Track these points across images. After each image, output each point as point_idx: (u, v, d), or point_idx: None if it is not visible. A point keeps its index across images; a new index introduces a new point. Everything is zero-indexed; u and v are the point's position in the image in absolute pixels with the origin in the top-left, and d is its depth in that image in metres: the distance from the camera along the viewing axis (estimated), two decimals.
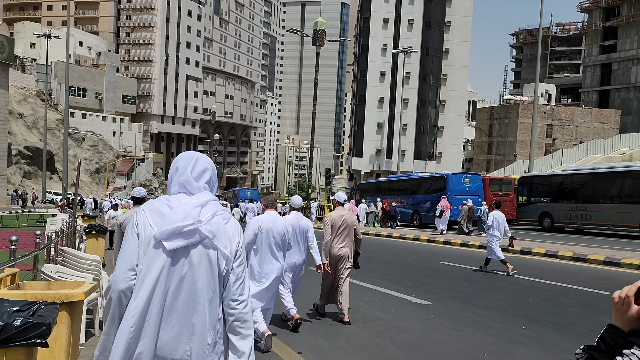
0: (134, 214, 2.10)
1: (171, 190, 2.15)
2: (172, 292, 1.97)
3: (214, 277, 2.02)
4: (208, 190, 2.14)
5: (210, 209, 2.07)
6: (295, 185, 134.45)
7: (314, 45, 25.71)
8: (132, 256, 1.99)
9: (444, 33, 54.19)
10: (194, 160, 2.16)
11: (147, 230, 2.00)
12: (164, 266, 1.97)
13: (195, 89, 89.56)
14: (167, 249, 1.97)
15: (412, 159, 54.26)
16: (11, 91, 59.75)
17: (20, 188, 51.54)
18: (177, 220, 1.98)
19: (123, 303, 1.97)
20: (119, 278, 1.97)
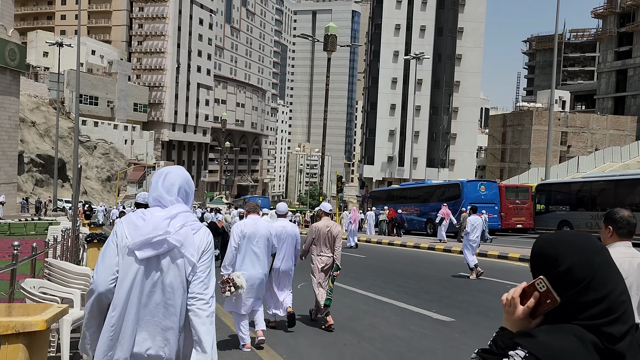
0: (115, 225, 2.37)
1: (150, 204, 2.37)
2: (146, 296, 2.20)
3: (183, 282, 2.24)
4: (182, 202, 2.35)
5: (179, 221, 2.27)
6: (306, 194, 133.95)
7: (325, 51, 25.29)
8: (111, 263, 2.22)
9: (456, 39, 53.56)
10: (163, 175, 2.37)
11: (123, 240, 2.23)
12: (138, 273, 2.20)
13: (207, 97, 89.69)
14: (138, 258, 2.20)
15: (424, 167, 53.51)
16: (24, 99, 60.18)
17: (32, 196, 51.64)
18: (147, 232, 2.20)
19: (103, 302, 2.21)
20: (100, 281, 2.20)
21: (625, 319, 1.21)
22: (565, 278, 1.22)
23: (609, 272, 1.22)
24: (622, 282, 1.24)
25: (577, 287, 1.20)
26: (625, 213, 3.00)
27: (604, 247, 1.27)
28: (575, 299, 1.20)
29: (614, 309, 1.19)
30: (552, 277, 1.22)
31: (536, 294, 1.23)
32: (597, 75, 77.93)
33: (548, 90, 73.02)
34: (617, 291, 1.22)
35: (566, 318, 1.21)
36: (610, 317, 1.19)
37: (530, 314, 1.24)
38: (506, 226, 24.64)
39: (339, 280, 9.67)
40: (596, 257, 1.23)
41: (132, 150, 72.82)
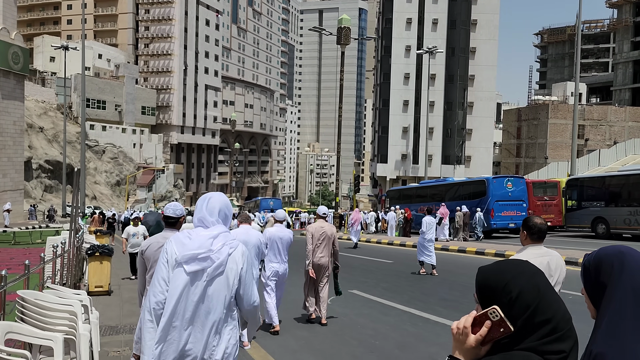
0: (165, 243, 2.69)
1: (194, 224, 2.74)
2: (192, 304, 2.54)
3: (224, 292, 2.60)
4: (221, 224, 2.72)
5: (221, 240, 2.64)
6: (317, 194, 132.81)
7: (338, 44, 24.08)
8: (164, 277, 2.59)
9: (469, 32, 52.06)
10: (207, 200, 2.76)
11: (172, 256, 2.60)
12: (186, 285, 2.55)
13: (215, 99, 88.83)
14: (187, 271, 2.56)
15: (439, 164, 52.10)
16: (31, 105, 59.63)
17: (41, 202, 50.99)
18: (193, 249, 2.58)
19: (158, 312, 2.56)
20: (155, 292, 2.57)
21: (570, 334, 1.27)
22: (517, 304, 1.26)
23: (551, 293, 1.29)
24: (562, 302, 1.31)
25: (528, 311, 1.25)
26: (538, 221, 3.62)
27: (541, 271, 1.34)
28: (526, 323, 1.25)
29: (561, 326, 1.26)
30: (503, 304, 1.26)
31: (488, 322, 1.25)
32: (613, 67, 76.02)
33: (563, 83, 71.51)
34: (562, 310, 1.28)
35: (515, 341, 1.25)
36: (558, 334, 1.25)
37: (480, 342, 1.27)
38: None
39: (374, 292, 9.78)
40: (539, 280, 1.31)
41: (140, 154, 72.11)
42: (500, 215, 21.82)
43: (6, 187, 30.46)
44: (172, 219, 4.18)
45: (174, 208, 4.78)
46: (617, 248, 1.38)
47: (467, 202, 23.18)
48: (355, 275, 12.27)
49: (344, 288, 8.33)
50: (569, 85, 66.96)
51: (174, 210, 4.49)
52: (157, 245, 3.84)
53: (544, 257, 3.56)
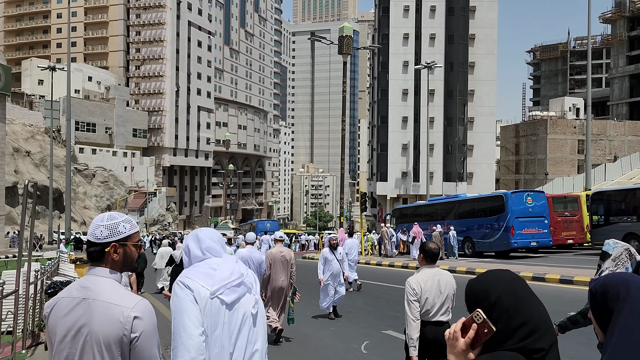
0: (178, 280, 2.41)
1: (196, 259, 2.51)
2: (235, 339, 2.37)
3: (261, 320, 2.50)
4: (223, 251, 2.58)
5: (242, 265, 2.53)
6: (312, 215, 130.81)
7: (340, 54, 22.61)
8: (198, 319, 2.29)
9: (468, 46, 51.15)
10: (204, 231, 2.60)
11: (202, 292, 2.33)
12: (225, 318, 2.35)
13: (208, 120, 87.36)
14: (227, 302, 2.36)
15: (441, 181, 50.60)
16: (18, 128, 57.77)
17: (27, 229, 48.78)
18: (226, 278, 2.39)
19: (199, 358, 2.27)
20: (192, 345, 2.25)
21: (549, 335, 1.39)
22: (495, 308, 1.40)
23: (529, 297, 1.43)
24: (541, 305, 1.45)
25: (507, 314, 1.39)
26: (431, 246, 4.28)
27: (520, 277, 1.49)
28: (506, 325, 1.38)
29: (538, 328, 1.38)
30: (485, 309, 1.40)
31: (474, 325, 1.38)
32: (608, 82, 75.68)
33: (560, 98, 70.76)
34: (539, 312, 1.42)
35: (500, 344, 1.38)
36: (536, 334, 1.37)
37: (470, 345, 1.39)
38: (556, 242, 21.60)
39: None
40: (517, 286, 1.45)
41: (132, 177, 70.16)
42: (521, 233, 20.08)
43: None
44: None
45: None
46: (623, 276, 1.49)
47: (484, 219, 21.49)
48: (382, 307, 10.49)
49: (373, 327, 8.52)
50: (567, 100, 66.29)
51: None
52: None
53: (436, 276, 4.14)
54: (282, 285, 7.45)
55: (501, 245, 20.43)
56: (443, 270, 4.32)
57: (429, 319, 4.14)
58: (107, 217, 2.04)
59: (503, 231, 20.14)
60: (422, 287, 4.08)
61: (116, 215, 2.05)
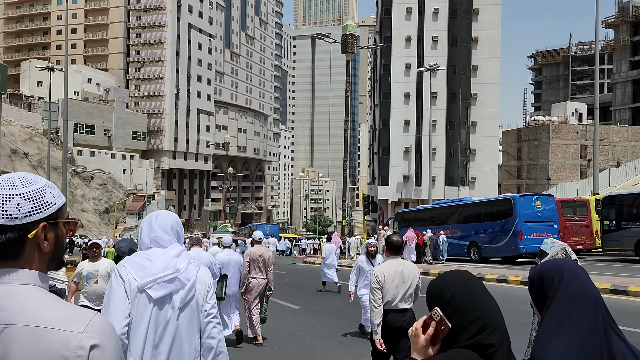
0: (117, 269, 2.32)
1: (144, 246, 2.42)
2: (160, 333, 2.26)
3: (194, 317, 2.33)
4: (176, 242, 2.45)
5: (184, 259, 2.37)
6: (312, 220, 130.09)
7: (343, 53, 22.04)
8: (123, 308, 2.23)
9: (471, 49, 50.63)
10: (155, 217, 2.48)
11: (132, 283, 2.26)
12: (152, 313, 2.25)
13: (207, 123, 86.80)
14: (153, 297, 2.25)
15: (443, 186, 49.96)
16: (16, 130, 57.20)
17: None
18: (158, 271, 2.27)
19: None
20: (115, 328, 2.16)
21: (500, 331, 1.48)
22: (450, 305, 1.50)
23: (481, 296, 1.52)
24: (493, 302, 1.54)
25: (460, 311, 1.49)
26: (394, 238, 4.67)
27: (475, 277, 1.61)
28: (460, 321, 1.48)
29: (489, 324, 1.47)
30: (442, 306, 1.50)
31: (433, 323, 1.48)
32: (611, 87, 75.22)
33: (563, 103, 70.27)
34: (490, 309, 1.51)
35: (455, 340, 1.47)
36: (487, 330, 1.46)
37: (431, 341, 1.48)
38: None
39: None
40: (470, 285, 1.55)
41: (131, 180, 69.53)
42: (530, 238, 19.45)
43: None
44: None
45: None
46: (558, 262, 1.63)
47: (490, 224, 20.85)
48: None
49: None
50: (569, 105, 65.84)
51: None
52: None
53: (399, 267, 4.52)
54: (262, 284, 7.77)
55: (509, 250, 19.81)
56: (406, 261, 4.73)
57: (392, 307, 4.47)
58: (19, 180, 1.21)
59: (511, 236, 19.54)
60: (386, 277, 4.43)
61: (32, 177, 1.24)
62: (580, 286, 1.55)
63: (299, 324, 9.42)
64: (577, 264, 1.68)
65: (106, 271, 6.25)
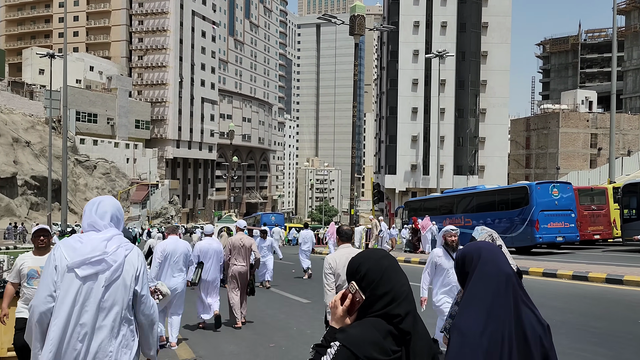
0: (53, 249, 2.59)
1: (84, 229, 2.65)
2: (88, 311, 2.48)
3: (122, 296, 2.56)
4: (114, 227, 2.66)
5: (115, 242, 2.58)
6: (317, 209, 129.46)
7: (351, 35, 21.07)
8: (50, 283, 2.49)
9: (480, 35, 49.35)
10: (97, 204, 2.69)
11: (63, 262, 2.50)
12: (79, 290, 2.48)
13: (212, 112, 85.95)
14: (79, 276, 2.48)
15: (451, 175, 49.01)
16: (18, 118, 56.49)
17: (26, 221, 47.57)
18: (86, 253, 2.50)
19: (44, 322, 2.48)
20: (40, 302, 2.47)
21: (407, 303, 1.69)
22: (364, 280, 1.70)
23: (392, 272, 1.72)
24: (403, 278, 1.74)
25: (372, 285, 1.69)
26: (345, 228, 5.10)
27: (390, 255, 1.80)
28: (372, 294, 1.68)
29: (397, 297, 1.68)
30: (357, 280, 1.70)
31: (350, 295, 1.68)
32: (622, 74, 73.75)
33: (572, 91, 68.93)
34: (399, 284, 1.71)
35: (369, 311, 1.68)
36: (395, 302, 1.67)
37: (348, 312, 1.69)
38: (582, 237, 20.10)
39: None
40: (384, 262, 1.74)
41: (134, 169, 68.91)
42: (546, 227, 18.60)
43: None
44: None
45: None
46: (478, 244, 1.87)
47: (505, 212, 20.00)
48: None
49: None
50: (579, 93, 64.63)
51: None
52: None
53: (350, 254, 4.37)
54: (242, 270, 8.14)
55: (524, 240, 18.99)
56: (355, 249, 5.02)
57: None
58: None
59: (527, 225, 18.69)
60: (337, 263, 4.65)
61: None
62: (495, 265, 1.78)
63: (309, 320, 8.69)
64: (495, 246, 1.89)
65: None
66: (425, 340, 1.72)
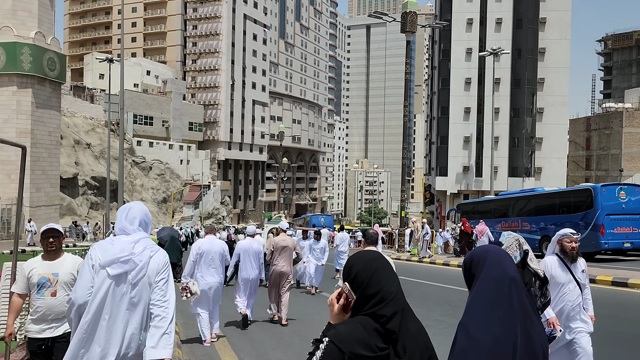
0: (89, 250, 2.95)
1: (116, 233, 3.01)
2: (116, 305, 2.82)
3: (146, 292, 2.88)
4: (142, 230, 3.01)
5: (141, 245, 2.93)
6: (366, 211, 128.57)
7: (403, 32, 20.52)
8: (89, 280, 2.83)
9: (538, 31, 47.39)
10: (127, 210, 3.05)
11: (97, 261, 2.86)
12: (110, 286, 2.82)
13: (262, 114, 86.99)
14: (110, 274, 2.83)
15: (505, 176, 47.29)
16: (79, 121, 59.10)
17: (88, 219, 49.59)
18: (115, 253, 2.85)
19: (81, 312, 2.81)
20: (80, 296, 2.81)
21: (393, 305, 1.76)
22: (355, 281, 1.80)
23: (381, 274, 1.81)
24: (392, 279, 1.82)
25: (362, 286, 1.78)
26: (371, 232, 5.34)
27: (381, 257, 1.88)
28: (362, 295, 1.78)
29: (385, 298, 1.76)
30: (349, 282, 1.80)
31: (344, 295, 1.80)
32: None
33: (637, 89, 65.00)
34: (387, 286, 1.79)
35: (359, 309, 1.78)
36: (383, 303, 1.75)
37: (343, 309, 1.79)
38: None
39: None
40: (374, 264, 1.83)
41: (187, 170, 70.61)
42: (613, 232, 17.43)
43: (40, 202, 28.35)
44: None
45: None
46: (485, 247, 1.92)
47: (567, 216, 18.89)
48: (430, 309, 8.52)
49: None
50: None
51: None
52: None
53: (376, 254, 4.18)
54: (283, 271, 8.42)
55: (588, 245, 17.84)
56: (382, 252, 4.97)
57: None
58: None
59: (591, 230, 17.57)
60: None
61: None
62: (500, 268, 1.82)
63: None
64: (502, 250, 1.92)
65: (71, 275, 3.93)
66: (417, 340, 1.76)
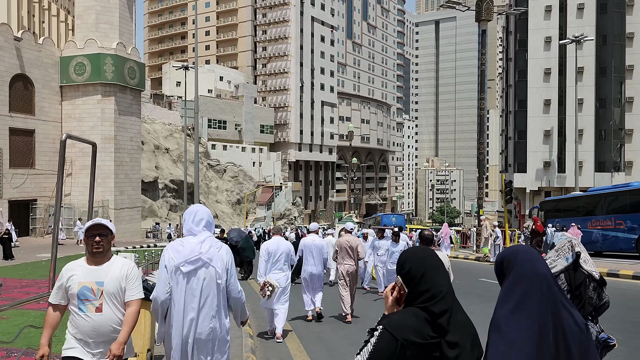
0: (163, 252, 3.50)
1: (184, 234, 3.51)
2: (192, 296, 3.35)
3: (215, 284, 3.40)
4: (207, 230, 3.49)
5: (207, 244, 3.41)
6: (437, 210, 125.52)
7: (477, 21, 19.60)
8: (166, 280, 3.37)
9: (625, 15, 44.03)
10: (194, 213, 3.54)
11: (171, 262, 3.38)
12: (185, 282, 3.35)
13: (331, 115, 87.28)
14: (183, 272, 3.35)
15: (591, 172, 44.28)
16: (159, 127, 62.02)
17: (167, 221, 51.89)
18: (186, 254, 3.36)
19: (164, 307, 3.39)
20: (161, 294, 3.36)
21: (444, 302, 1.87)
22: (407, 276, 1.93)
23: (433, 272, 1.92)
24: (444, 279, 1.93)
25: (414, 282, 1.91)
26: (426, 233, 5.63)
27: (434, 255, 1.99)
28: (414, 290, 1.91)
29: (435, 295, 1.87)
30: (402, 276, 1.94)
31: (397, 288, 1.94)
32: None
33: None
34: (438, 284, 1.90)
35: (411, 303, 1.91)
36: (434, 300, 1.87)
37: (397, 302, 1.94)
38: None
39: None
40: (426, 262, 1.94)
41: (260, 172, 72.12)
42: None
43: (123, 205, 29.88)
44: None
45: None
46: (516, 247, 1.95)
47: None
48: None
49: None
50: None
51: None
52: None
53: None
54: (349, 270, 8.86)
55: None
56: (438, 251, 5.19)
57: None
58: None
59: None
60: None
61: None
62: (531, 267, 1.83)
63: None
64: (532, 249, 1.93)
65: (118, 285, 3.18)
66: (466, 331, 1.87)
